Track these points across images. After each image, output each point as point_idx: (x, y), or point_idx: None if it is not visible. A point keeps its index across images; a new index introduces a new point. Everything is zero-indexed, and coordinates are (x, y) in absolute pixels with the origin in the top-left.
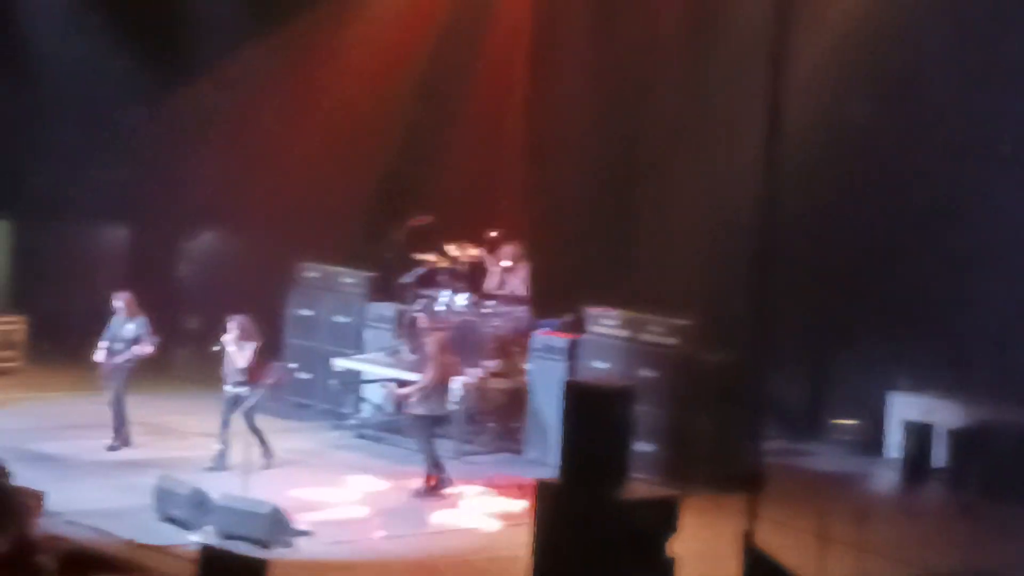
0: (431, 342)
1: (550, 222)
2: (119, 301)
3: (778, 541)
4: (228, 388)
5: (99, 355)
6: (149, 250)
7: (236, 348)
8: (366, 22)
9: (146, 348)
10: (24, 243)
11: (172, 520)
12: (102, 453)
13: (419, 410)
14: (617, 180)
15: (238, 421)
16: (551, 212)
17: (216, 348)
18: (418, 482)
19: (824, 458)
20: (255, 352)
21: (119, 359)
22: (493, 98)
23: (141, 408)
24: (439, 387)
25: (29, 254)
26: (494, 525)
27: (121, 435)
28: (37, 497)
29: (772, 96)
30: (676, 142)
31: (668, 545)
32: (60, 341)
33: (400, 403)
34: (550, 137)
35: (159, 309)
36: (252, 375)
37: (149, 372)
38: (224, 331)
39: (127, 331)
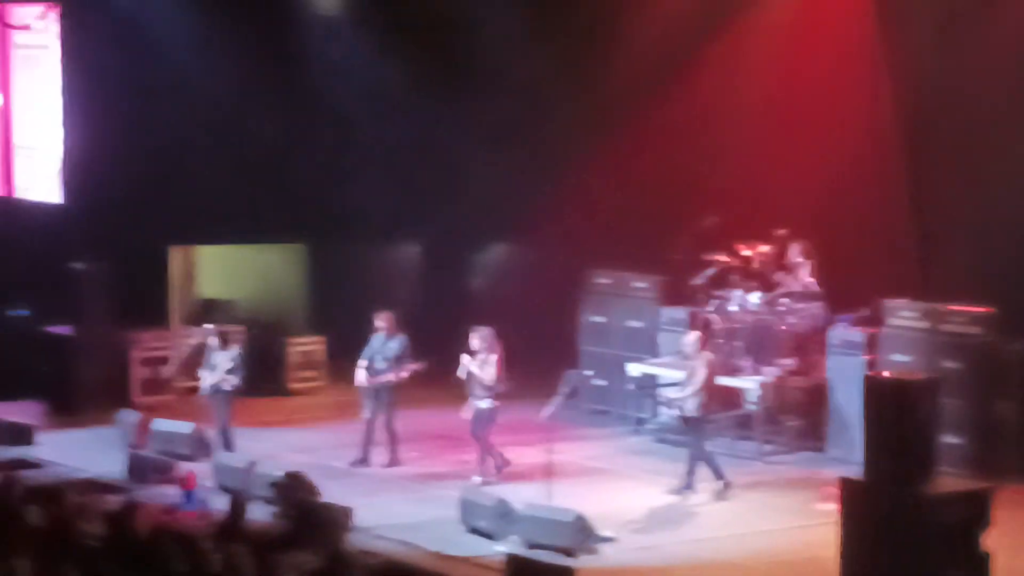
0: (691, 344)
1: (839, 215)
2: (380, 320)
3: None
4: (472, 403)
5: (359, 375)
6: (442, 265)
7: (480, 362)
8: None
9: (404, 372)
10: (321, 265)
11: (477, 531)
12: (405, 468)
13: (693, 413)
14: (911, 167)
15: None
16: (839, 205)
17: (460, 369)
18: (719, 484)
19: None
20: (499, 364)
21: (381, 378)
22: (778, 93)
23: (443, 420)
24: (709, 388)
25: (326, 275)
26: (801, 525)
27: (391, 454)
28: (346, 513)
29: None
30: (972, 128)
31: (981, 539)
32: (357, 360)
33: (673, 407)
34: (834, 128)
35: (452, 322)
36: (494, 388)
37: (444, 385)
38: (469, 345)
39: (388, 349)
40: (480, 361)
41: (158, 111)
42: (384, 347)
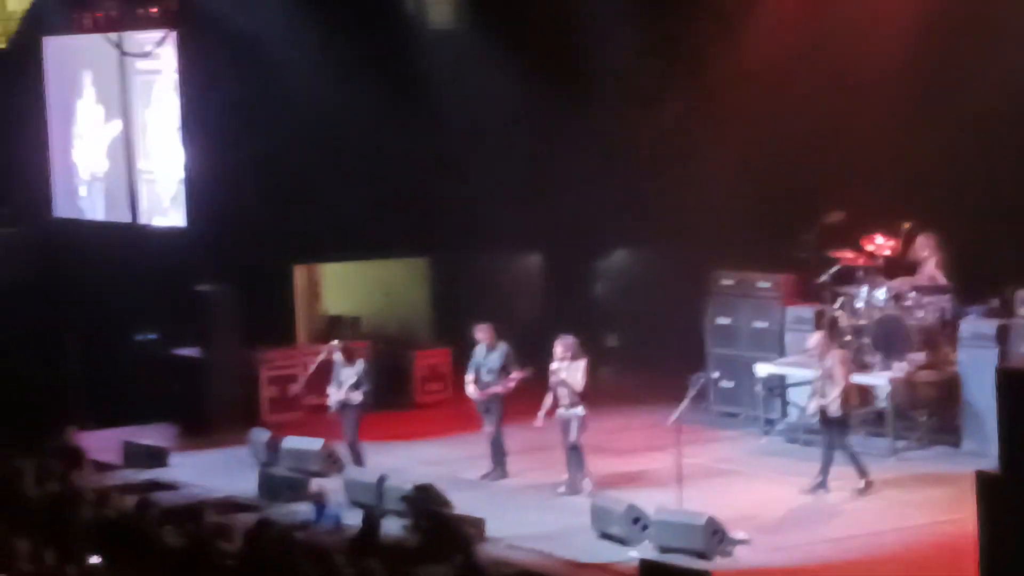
0: (815, 344)
1: (965, 205)
2: (479, 333)
3: None
4: (562, 411)
5: (469, 389)
6: (564, 274)
7: (567, 370)
8: (758, 17)
9: (510, 382)
10: (444, 277)
11: (609, 537)
12: (532, 476)
13: (836, 413)
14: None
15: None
16: (965, 195)
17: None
18: (855, 483)
19: None
20: (586, 371)
21: (490, 390)
22: (897, 87)
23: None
24: (847, 385)
25: (449, 288)
26: (938, 522)
27: (499, 467)
28: (478, 524)
29: None
30: None
31: None
32: None
33: (821, 411)
34: (958, 115)
35: (576, 330)
36: (582, 395)
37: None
38: (554, 354)
39: (491, 361)
40: (567, 368)
41: (276, 130)
42: (487, 359)
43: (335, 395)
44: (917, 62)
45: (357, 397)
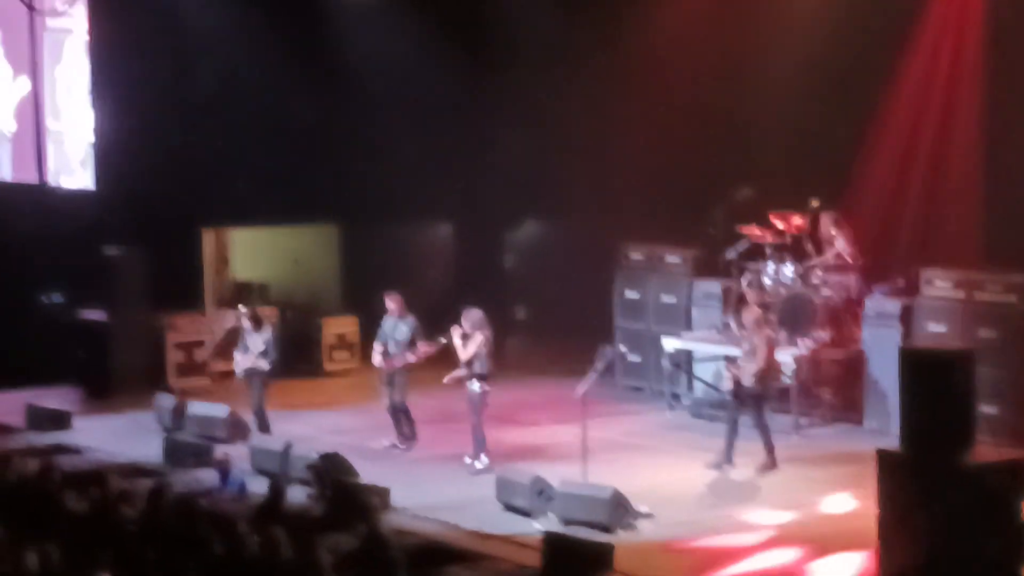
0: (751, 320)
1: (871, 185)
2: (389, 302)
3: None
4: (468, 385)
5: (376, 359)
6: (474, 245)
7: (462, 340)
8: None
9: (414, 355)
10: (353, 246)
11: (514, 509)
12: (438, 447)
13: (753, 388)
14: (936, 134)
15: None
16: (871, 174)
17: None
18: (760, 459)
19: None
20: (486, 346)
21: (396, 361)
22: (809, 65)
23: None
24: (770, 365)
25: (359, 256)
26: (838, 497)
27: (408, 438)
28: (383, 494)
29: None
30: (1003, 92)
31: (1021, 509)
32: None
33: (736, 384)
34: (867, 97)
35: (484, 302)
36: (483, 373)
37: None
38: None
39: (400, 332)
40: (463, 338)
41: (188, 95)
42: (396, 330)
43: (242, 362)
44: (830, 41)
45: (264, 364)
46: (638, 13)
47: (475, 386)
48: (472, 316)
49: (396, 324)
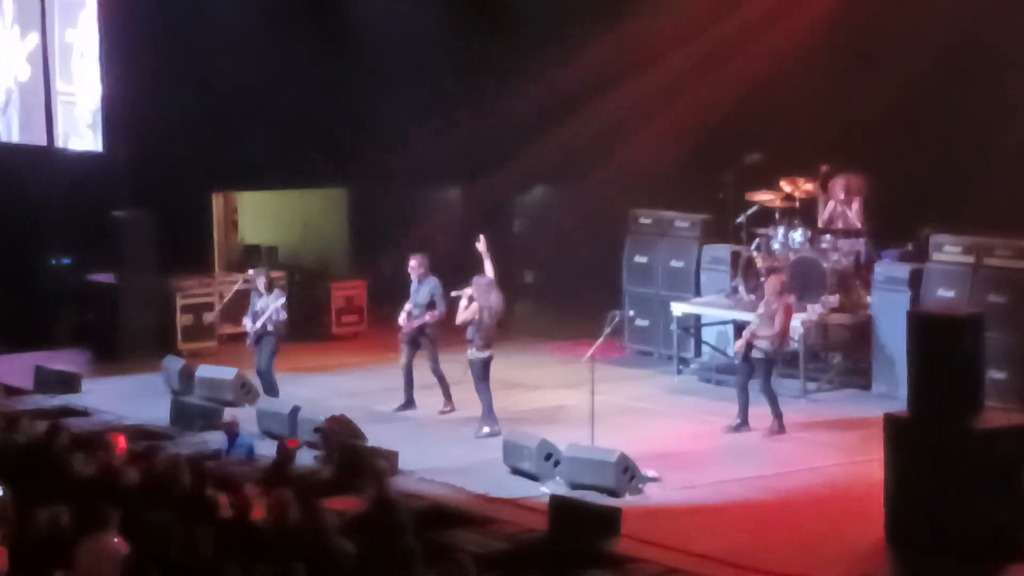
0: (773, 287)
1: (882, 149)
2: (412, 262)
3: None
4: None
5: (401, 318)
6: (483, 209)
7: (468, 302)
8: None
9: (432, 316)
10: (361, 209)
11: (521, 473)
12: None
13: (767, 353)
14: (951, 98)
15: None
16: (882, 139)
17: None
18: (767, 423)
19: None
20: (476, 313)
21: (415, 323)
22: (814, 27)
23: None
24: (784, 332)
25: (367, 220)
26: (846, 462)
27: (447, 398)
28: (391, 457)
29: None
30: (1016, 54)
31: None
32: (399, 304)
33: (748, 348)
34: (874, 57)
35: (495, 265)
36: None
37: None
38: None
39: (420, 295)
40: (469, 300)
41: (198, 57)
42: (417, 292)
43: (251, 325)
44: (842, 8)
45: (273, 327)
46: None
47: (470, 353)
48: (477, 283)
49: (418, 287)
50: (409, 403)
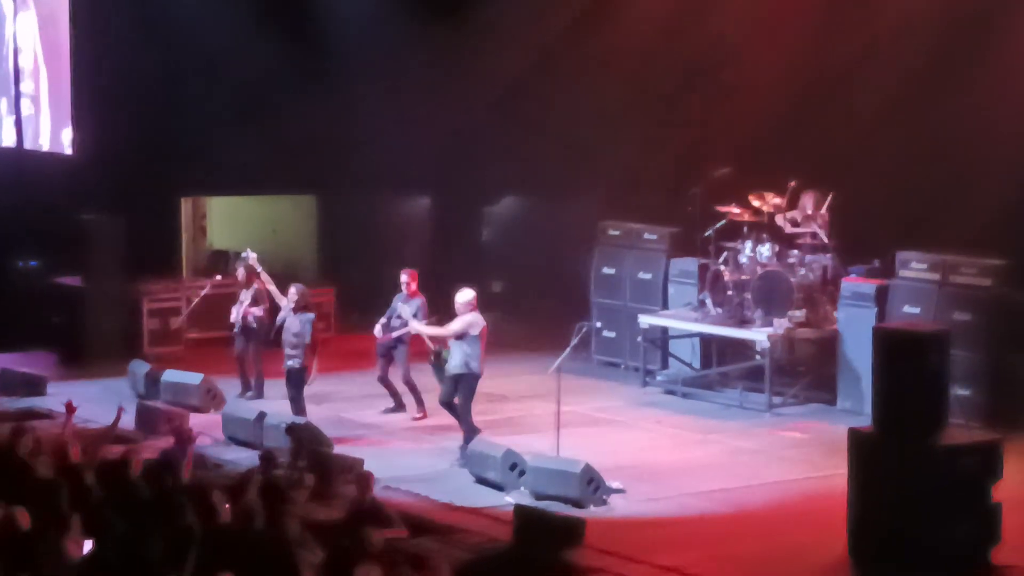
0: None
1: (850, 166)
2: (404, 276)
3: None
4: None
5: (376, 330)
6: (452, 218)
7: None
8: None
9: (408, 330)
10: (331, 216)
11: (486, 482)
12: (413, 421)
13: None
14: (919, 117)
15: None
16: (851, 156)
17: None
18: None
19: None
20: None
21: (393, 335)
22: (786, 46)
23: None
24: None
25: (336, 227)
26: (810, 476)
27: (419, 404)
28: (356, 465)
29: None
30: (986, 76)
31: (991, 491)
32: (368, 311)
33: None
34: (842, 78)
35: (462, 275)
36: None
37: None
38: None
39: (404, 310)
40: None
41: (168, 62)
42: (401, 307)
43: (236, 315)
44: (811, 19)
45: (256, 317)
46: None
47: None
48: (460, 298)
49: (405, 300)
50: (399, 406)
